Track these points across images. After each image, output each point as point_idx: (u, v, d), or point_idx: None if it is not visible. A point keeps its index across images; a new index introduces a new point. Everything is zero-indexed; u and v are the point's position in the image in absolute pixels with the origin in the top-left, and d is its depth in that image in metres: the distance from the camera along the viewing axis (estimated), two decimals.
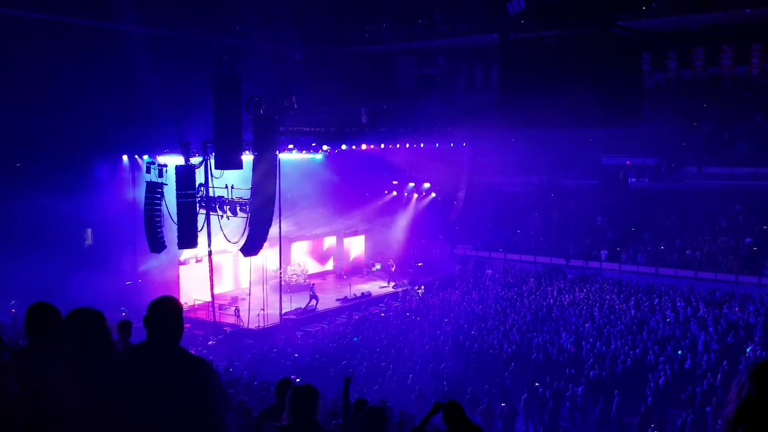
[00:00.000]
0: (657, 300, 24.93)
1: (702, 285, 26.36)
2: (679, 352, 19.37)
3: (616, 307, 24.57)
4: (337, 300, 28.47)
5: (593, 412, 16.65)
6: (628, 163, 33.19)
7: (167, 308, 3.21)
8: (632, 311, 23.79)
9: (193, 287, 25.66)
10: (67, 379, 3.07)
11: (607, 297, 25.87)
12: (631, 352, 19.29)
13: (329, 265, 33.90)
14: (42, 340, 3.49)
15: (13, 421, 3.19)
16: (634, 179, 33.15)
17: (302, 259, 31.78)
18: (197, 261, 26.24)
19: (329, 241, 34.03)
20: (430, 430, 6.26)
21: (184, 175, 22.62)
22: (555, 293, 26.92)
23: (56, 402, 3.05)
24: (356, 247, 35.22)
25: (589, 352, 19.71)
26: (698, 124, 32.23)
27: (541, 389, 17.11)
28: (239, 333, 24.26)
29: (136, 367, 3.13)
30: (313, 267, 32.51)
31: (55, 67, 22.62)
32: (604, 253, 29.86)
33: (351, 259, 34.67)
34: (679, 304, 24.23)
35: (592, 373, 17.99)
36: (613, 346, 20.01)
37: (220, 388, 3.28)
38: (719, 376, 17.20)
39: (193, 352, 3.25)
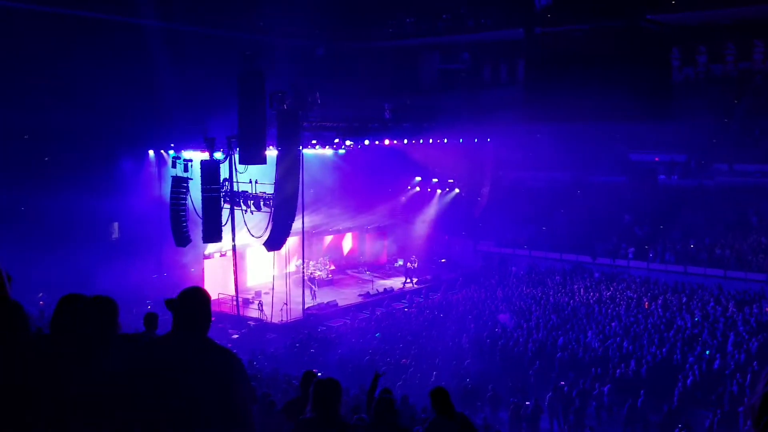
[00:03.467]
0: (685, 299, 24.49)
1: (731, 284, 25.80)
2: (707, 352, 18.99)
3: (643, 306, 24.18)
4: (359, 296, 28.45)
5: (619, 411, 16.41)
6: (656, 159, 32.59)
7: (197, 298, 3.28)
8: (660, 310, 23.38)
9: (217, 281, 25.84)
10: (66, 366, 3.00)
11: (635, 296, 25.48)
12: (658, 351, 18.96)
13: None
14: (66, 331, 3.43)
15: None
16: (663, 176, 32.54)
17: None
18: (221, 255, 26.40)
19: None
20: (426, 417, 6.14)
21: (209, 169, 22.77)
22: (581, 291, 26.58)
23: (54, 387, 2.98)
24: (373, 243, 35.06)
25: (615, 351, 19.42)
26: (729, 120, 31.56)
27: (566, 388, 16.91)
28: (262, 327, 24.37)
29: (164, 354, 3.12)
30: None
31: (81, 64, 22.85)
32: (631, 250, 29.38)
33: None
34: (708, 303, 23.78)
35: (618, 371, 17.74)
36: (639, 345, 19.70)
37: (247, 379, 3.26)
38: (749, 376, 16.83)
39: None
